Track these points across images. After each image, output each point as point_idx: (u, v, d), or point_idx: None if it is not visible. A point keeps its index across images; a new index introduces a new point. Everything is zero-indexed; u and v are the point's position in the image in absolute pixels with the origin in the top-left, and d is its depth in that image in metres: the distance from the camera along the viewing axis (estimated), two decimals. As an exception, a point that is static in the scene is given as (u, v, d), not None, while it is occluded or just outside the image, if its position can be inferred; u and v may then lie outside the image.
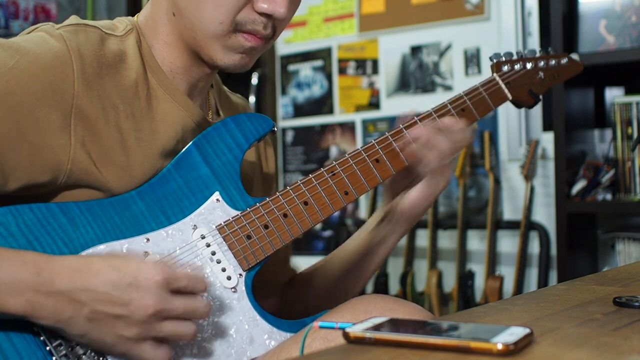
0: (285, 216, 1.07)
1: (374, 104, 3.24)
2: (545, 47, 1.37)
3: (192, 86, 1.12)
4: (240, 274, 1.05)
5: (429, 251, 2.93)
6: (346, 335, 0.72)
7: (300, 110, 3.45)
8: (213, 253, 1.04)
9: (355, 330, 0.72)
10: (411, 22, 3.11)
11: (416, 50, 3.12)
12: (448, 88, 3.04)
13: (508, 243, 2.89)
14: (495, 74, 1.28)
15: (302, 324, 1.05)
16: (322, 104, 3.39)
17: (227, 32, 1.04)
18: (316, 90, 3.40)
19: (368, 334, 0.71)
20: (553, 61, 1.33)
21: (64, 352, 0.93)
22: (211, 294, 1.02)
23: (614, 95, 2.56)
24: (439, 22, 3.04)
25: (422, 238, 3.02)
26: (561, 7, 2.39)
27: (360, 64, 3.27)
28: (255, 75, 3.47)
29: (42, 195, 0.99)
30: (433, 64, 3.08)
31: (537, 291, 1.14)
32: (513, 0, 2.86)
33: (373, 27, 3.22)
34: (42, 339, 0.93)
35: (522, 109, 2.80)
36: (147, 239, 1.01)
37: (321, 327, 0.77)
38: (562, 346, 0.71)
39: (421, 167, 1.16)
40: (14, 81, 0.94)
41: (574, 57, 1.36)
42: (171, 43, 1.09)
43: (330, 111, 3.36)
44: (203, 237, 1.04)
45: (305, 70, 3.43)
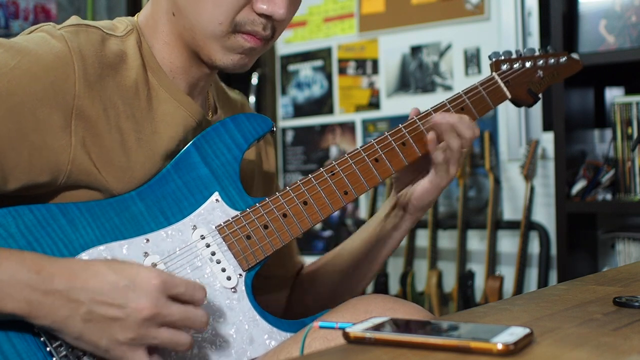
0: (284, 216, 1.07)
1: (374, 104, 3.24)
2: (544, 47, 1.37)
3: (192, 86, 1.12)
4: (240, 274, 1.05)
5: (429, 251, 2.93)
6: (346, 335, 0.72)
7: (300, 110, 3.45)
8: (213, 253, 1.04)
9: (355, 330, 0.72)
10: (411, 22, 3.11)
11: (416, 50, 3.12)
12: (448, 88, 3.04)
13: (508, 243, 2.89)
14: (494, 73, 1.28)
15: (302, 324, 1.05)
16: (322, 104, 3.39)
17: (227, 33, 1.04)
18: (316, 90, 3.40)
19: (368, 334, 0.71)
20: (552, 60, 1.33)
21: (64, 353, 0.93)
22: (211, 294, 1.02)
23: (614, 95, 2.56)
24: (439, 22, 3.04)
25: (422, 238, 3.02)
26: (561, 7, 2.39)
27: (360, 64, 3.27)
28: (255, 75, 3.47)
29: (42, 195, 0.99)
30: (433, 64, 3.08)
31: (537, 291, 1.14)
32: (513, 0, 2.86)
33: (373, 27, 3.22)
34: (43, 340, 0.93)
35: (522, 109, 2.81)
36: (147, 240, 1.01)
37: (321, 327, 0.77)
38: (562, 346, 0.71)
39: (429, 161, 1.17)
40: (15, 81, 0.94)
41: (573, 56, 1.36)
42: (171, 43, 1.09)
43: (330, 111, 3.36)
44: (203, 238, 1.04)
45: (305, 70, 3.43)
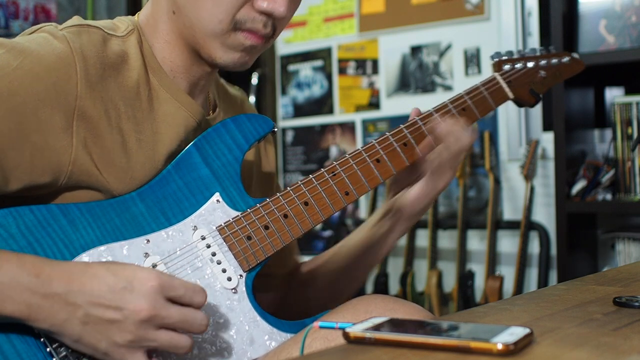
0: (285, 217, 1.07)
1: (374, 104, 3.24)
2: (546, 47, 1.36)
3: (193, 85, 1.12)
4: (240, 275, 1.04)
5: (429, 251, 2.93)
6: (346, 335, 0.72)
7: (300, 110, 3.45)
8: (213, 254, 1.04)
9: (355, 330, 0.72)
10: (411, 22, 3.11)
11: (416, 50, 3.12)
12: (448, 88, 3.04)
13: (508, 243, 2.89)
14: (495, 73, 1.27)
15: (303, 325, 1.05)
16: (322, 104, 3.39)
17: (227, 31, 1.04)
18: (316, 90, 3.40)
19: (368, 334, 0.71)
20: (554, 60, 1.32)
21: (64, 354, 0.93)
22: (211, 295, 1.01)
23: (614, 95, 2.56)
24: (439, 22, 3.04)
25: (422, 238, 3.02)
26: (561, 7, 2.39)
27: (360, 64, 3.27)
28: (255, 75, 3.47)
29: (43, 196, 0.99)
30: (433, 64, 3.08)
31: (537, 291, 1.14)
32: (513, 0, 2.86)
33: (373, 27, 3.22)
34: (43, 341, 0.93)
35: (522, 109, 2.81)
36: (147, 240, 1.01)
37: (321, 327, 0.77)
38: (562, 346, 0.71)
39: (424, 166, 1.17)
40: (17, 82, 0.94)
41: (575, 56, 1.36)
42: (171, 42, 1.09)
43: (330, 111, 3.36)
44: (203, 238, 1.04)
45: (305, 70, 3.43)
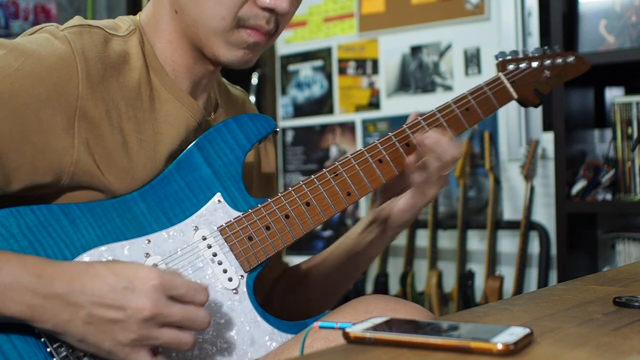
0: (287, 217, 1.07)
1: (374, 104, 3.24)
2: (550, 46, 1.35)
3: (195, 84, 1.12)
4: (241, 275, 1.04)
5: (429, 251, 2.93)
6: (346, 335, 0.73)
7: (300, 110, 3.45)
8: (214, 254, 1.04)
9: (355, 330, 0.73)
10: (411, 22, 3.11)
11: (416, 50, 3.12)
12: (448, 88, 3.04)
13: (508, 243, 2.89)
14: (500, 73, 1.27)
15: (304, 325, 1.05)
16: (322, 104, 3.39)
17: (230, 28, 1.04)
18: (316, 90, 3.40)
19: (368, 334, 0.71)
20: (559, 59, 1.31)
21: (65, 354, 0.93)
22: (212, 296, 1.01)
23: (614, 95, 2.56)
24: (439, 22, 3.04)
25: (422, 238, 3.02)
26: (561, 7, 2.39)
27: (360, 64, 3.27)
28: (255, 75, 3.47)
29: (45, 196, 0.99)
30: (433, 64, 3.08)
31: (537, 291, 1.14)
32: (513, 0, 2.86)
33: (373, 27, 3.22)
34: (43, 341, 0.93)
35: (522, 109, 2.81)
36: (148, 240, 1.01)
37: (321, 328, 0.77)
38: (562, 346, 0.71)
39: (411, 176, 1.15)
40: (19, 83, 0.94)
41: (580, 56, 1.35)
42: (174, 41, 1.09)
43: (330, 111, 3.36)
44: (204, 239, 1.04)
45: (305, 70, 3.43)
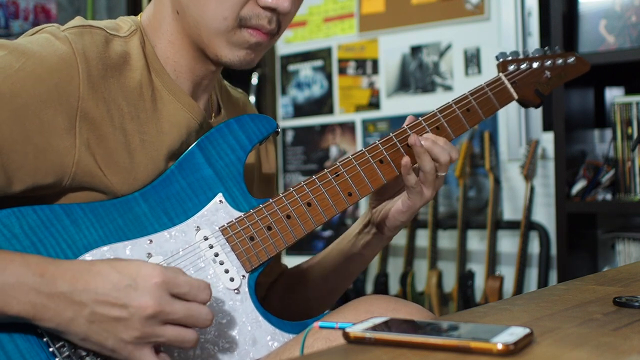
0: (288, 217, 1.07)
1: (374, 104, 3.24)
2: (551, 46, 1.36)
3: (196, 85, 1.12)
4: (243, 276, 1.05)
5: (429, 251, 2.93)
6: (346, 335, 0.73)
7: (300, 110, 3.45)
8: (216, 254, 1.04)
9: (355, 330, 0.73)
10: (411, 22, 3.11)
11: (416, 50, 3.12)
12: (448, 88, 3.04)
13: (508, 243, 2.89)
14: (500, 74, 1.27)
15: (305, 325, 1.05)
16: (322, 104, 3.39)
17: (232, 28, 1.04)
18: (316, 90, 3.40)
19: (368, 334, 0.72)
20: (560, 60, 1.31)
21: (67, 354, 0.93)
22: (214, 296, 1.02)
23: (614, 95, 2.56)
24: (439, 22, 3.04)
25: (422, 238, 3.02)
26: (561, 7, 2.39)
27: (360, 64, 3.27)
28: (255, 75, 3.47)
29: (47, 196, 0.99)
30: (433, 64, 3.08)
31: (537, 291, 1.14)
32: (513, 0, 2.86)
33: (373, 27, 3.22)
34: (46, 340, 0.93)
35: (523, 109, 2.81)
36: (150, 241, 1.02)
37: (321, 328, 0.77)
38: (562, 346, 0.71)
39: (405, 179, 1.14)
40: (20, 84, 0.94)
41: (580, 56, 1.36)
42: (175, 42, 1.09)
43: (330, 111, 3.36)
44: (206, 239, 1.04)
45: (305, 70, 3.43)
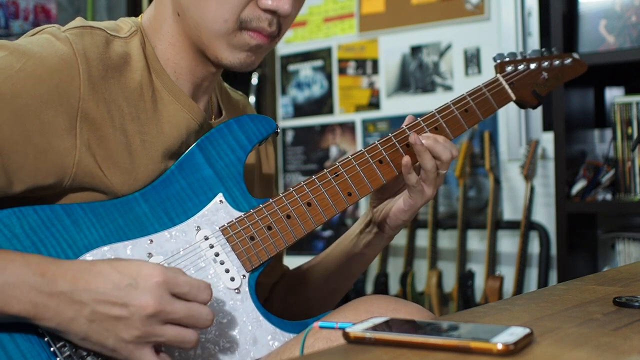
0: (288, 217, 1.08)
1: (374, 104, 3.24)
2: (548, 47, 1.36)
3: (197, 86, 1.12)
4: (243, 275, 1.05)
5: (429, 251, 2.93)
6: (346, 335, 0.73)
7: (300, 110, 3.45)
8: (216, 254, 1.04)
9: (355, 330, 0.73)
10: (411, 22, 3.11)
11: (416, 50, 3.12)
12: (448, 88, 3.04)
13: (508, 243, 2.89)
14: (498, 75, 1.27)
15: (305, 325, 1.05)
16: (322, 104, 3.39)
17: (233, 30, 1.04)
18: (316, 90, 3.41)
19: (368, 334, 0.72)
20: (557, 61, 1.32)
21: (68, 353, 0.93)
22: (214, 295, 1.02)
23: (614, 95, 2.56)
24: (439, 22, 3.04)
25: (422, 238, 3.02)
26: (561, 7, 2.39)
27: (360, 64, 3.27)
28: (255, 75, 3.47)
29: (47, 197, 1.00)
30: (433, 64, 3.08)
31: (537, 291, 1.14)
32: (513, 0, 2.87)
33: (373, 27, 3.22)
34: (46, 340, 0.93)
35: (523, 109, 2.81)
36: (151, 241, 1.02)
37: (321, 328, 0.78)
38: (562, 346, 0.71)
39: (406, 178, 1.14)
40: (20, 84, 0.95)
41: (577, 57, 1.36)
42: (176, 44, 1.09)
43: (330, 111, 3.36)
44: (206, 239, 1.04)
45: (305, 70, 3.43)
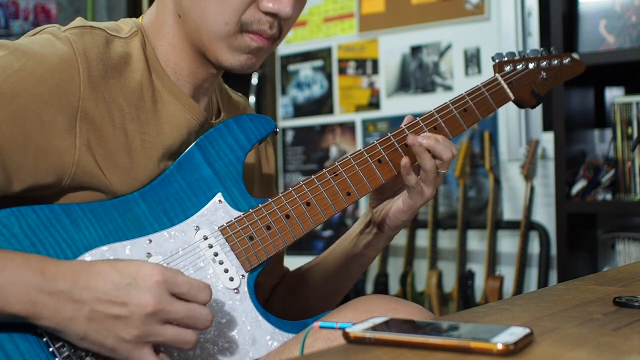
0: (287, 217, 1.08)
1: (374, 104, 3.24)
2: (547, 47, 1.36)
3: (197, 87, 1.12)
4: (242, 275, 1.05)
5: (429, 251, 2.93)
6: (346, 335, 0.73)
7: (300, 110, 3.45)
8: (215, 254, 1.04)
9: (355, 330, 0.73)
10: (411, 22, 3.11)
11: (416, 50, 3.12)
12: (448, 88, 3.04)
13: (508, 243, 2.89)
14: (497, 74, 1.27)
15: (304, 325, 1.05)
16: (322, 104, 3.39)
17: (233, 33, 1.04)
18: (316, 90, 3.41)
19: (368, 334, 0.72)
20: (555, 61, 1.32)
21: (67, 354, 0.93)
22: (214, 295, 1.01)
23: (614, 95, 2.56)
24: (439, 22, 3.04)
25: (422, 238, 3.02)
26: (561, 7, 2.39)
27: (360, 64, 3.27)
28: (255, 75, 3.47)
29: (46, 196, 0.99)
30: (433, 64, 3.08)
31: (537, 291, 1.14)
32: (513, 0, 2.87)
33: (373, 27, 3.22)
34: (45, 340, 0.93)
35: (523, 109, 2.81)
36: (150, 240, 1.02)
37: (321, 327, 0.77)
38: (562, 346, 0.71)
39: (405, 178, 1.14)
40: (20, 84, 0.95)
41: (576, 57, 1.36)
42: (177, 45, 1.09)
43: (330, 111, 3.36)
44: (205, 238, 1.04)
45: (305, 70, 3.43)
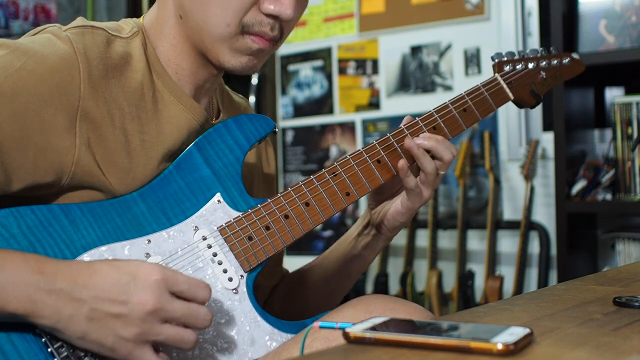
0: (286, 217, 1.08)
1: (374, 104, 3.24)
2: (547, 47, 1.36)
3: (198, 88, 1.12)
4: (241, 275, 1.05)
5: (429, 251, 2.93)
6: (346, 335, 0.73)
7: (300, 110, 3.45)
8: (214, 254, 1.04)
9: (355, 330, 0.73)
10: (411, 22, 3.11)
11: (416, 50, 3.12)
12: (448, 88, 3.04)
13: (508, 243, 2.89)
14: (496, 74, 1.27)
15: (303, 325, 1.05)
16: (322, 104, 3.39)
17: (235, 34, 1.04)
18: (316, 90, 3.40)
19: (368, 334, 0.72)
20: (555, 61, 1.32)
21: (66, 354, 0.93)
22: (212, 295, 1.01)
23: (614, 95, 2.56)
24: (439, 22, 3.04)
25: (422, 238, 3.02)
26: (561, 7, 2.39)
27: (360, 64, 3.27)
28: (255, 75, 3.47)
29: (45, 196, 0.99)
30: (433, 64, 3.08)
31: (537, 291, 1.14)
32: (513, 0, 2.86)
33: (373, 27, 3.22)
34: (44, 341, 0.93)
35: (523, 109, 2.81)
36: (149, 241, 1.02)
37: (321, 328, 0.77)
38: (562, 346, 0.71)
39: (404, 180, 1.14)
40: (21, 82, 0.95)
41: (576, 57, 1.36)
42: (178, 45, 1.09)
43: (330, 111, 3.36)
44: (204, 239, 1.04)
45: (305, 70, 3.43)
